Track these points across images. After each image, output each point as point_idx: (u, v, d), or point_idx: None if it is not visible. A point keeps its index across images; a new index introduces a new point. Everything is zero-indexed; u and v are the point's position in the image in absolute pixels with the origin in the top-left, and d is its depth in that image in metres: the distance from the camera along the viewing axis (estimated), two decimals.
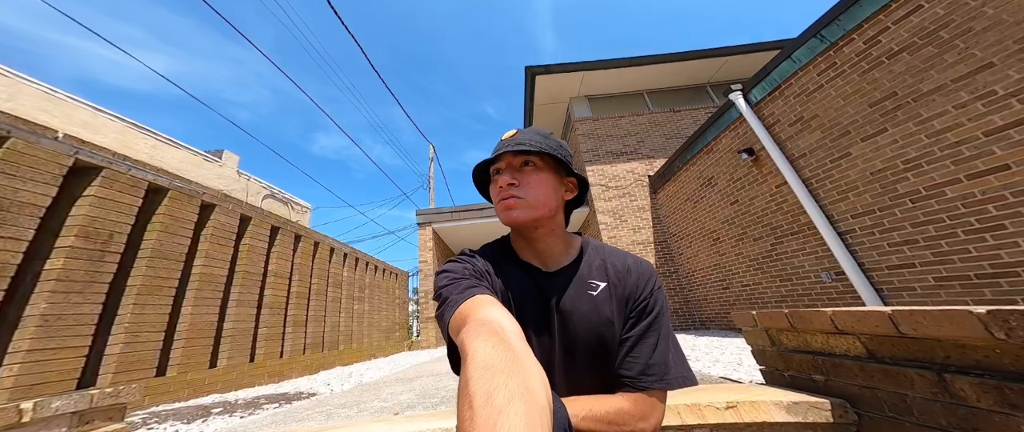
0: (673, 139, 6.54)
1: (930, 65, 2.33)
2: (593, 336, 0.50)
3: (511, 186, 0.53)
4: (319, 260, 4.48)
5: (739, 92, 3.83)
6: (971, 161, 2.21)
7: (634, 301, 0.53)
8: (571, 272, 0.55)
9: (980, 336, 0.51)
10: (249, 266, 3.29)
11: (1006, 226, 2.09)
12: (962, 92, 2.19)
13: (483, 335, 0.32)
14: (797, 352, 0.91)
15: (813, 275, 3.40)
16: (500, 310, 0.40)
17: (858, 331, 0.74)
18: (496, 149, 0.56)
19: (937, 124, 2.34)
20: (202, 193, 2.93)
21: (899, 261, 2.66)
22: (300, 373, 3.68)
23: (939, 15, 2.25)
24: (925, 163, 2.44)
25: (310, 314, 4.09)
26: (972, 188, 2.22)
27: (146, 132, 5.91)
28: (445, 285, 0.48)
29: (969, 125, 2.18)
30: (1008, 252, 2.09)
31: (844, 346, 0.79)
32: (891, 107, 2.58)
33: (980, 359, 0.54)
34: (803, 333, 0.88)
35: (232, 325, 2.99)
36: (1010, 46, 1.96)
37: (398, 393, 2.03)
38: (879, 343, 0.71)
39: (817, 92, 3.09)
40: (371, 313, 5.73)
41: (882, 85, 2.61)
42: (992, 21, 2.02)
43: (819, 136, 3.13)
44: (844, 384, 0.79)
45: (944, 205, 2.37)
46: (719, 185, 4.54)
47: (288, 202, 9.27)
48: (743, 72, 6.97)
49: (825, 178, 3.14)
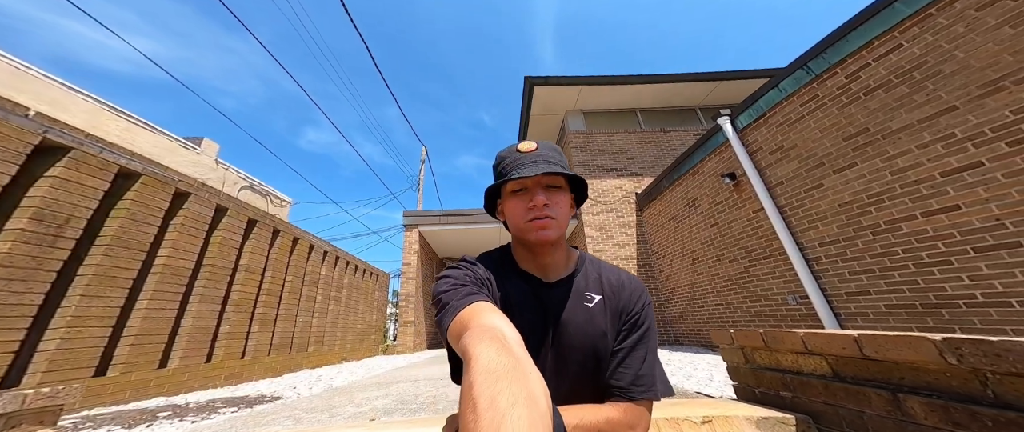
0: (662, 158, 6.78)
1: (901, 104, 2.50)
2: (587, 346, 0.52)
3: (546, 206, 0.54)
4: (296, 257, 4.31)
5: (727, 117, 4.02)
6: (927, 199, 2.39)
7: (626, 315, 0.55)
8: (569, 284, 0.57)
9: (933, 361, 0.55)
10: (219, 260, 3.12)
11: (952, 261, 2.26)
12: (925, 133, 2.38)
13: (486, 341, 0.32)
14: (768, 370, 0.95)
15: (780, 298, 3.56)
16: (501, 318, 0.40)
17: (826, 352, 0.78)
18: (515, 162, 0.56)
19: (900, 162, 2.52)
20: (177, 180, 2.78)
21: (857, 288, 2.82)
22: (262, 375, 3.48)
23: (915, 55, 2.41)
24: (887, 198, 2.62)
25: (280, 313, 3.90)
26: (925, 225, 2.40)
27: (119, 113, 5.60)
28: (445, 290, 0.48)
29: (928, 165, 2.37)
30: (951, 285, 2.26)
31: (812, 365, 0.83)
32: (862, 142, 2.76)
33: (931, 381, 0.58)
34: (775, 352, 0.92)
35: (192, 322, 2.80)
36: (973, 91, 2.13)
37: (373, 398, 1.95)
38: (843, 364, 0.75)
39: (798, 123, 3.29)
40: (347, 314, 5.52)
41: (856, 120, 2.80)
42: (960, 65, 2.19)
43: (796, 166, 3.31)
44: (809, 401, 0.83)
45: (900, 239, 2.55)
46: (702, 207, 4.71)
47: (267, 195, 8.92)
48: (732, 97, 7.35)
49: (798, 207, 3.32)
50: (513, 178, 0.53)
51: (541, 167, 0.53)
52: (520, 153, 0.57)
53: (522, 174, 0.53)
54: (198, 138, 7.42)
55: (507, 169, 0.56)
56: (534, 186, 0.56)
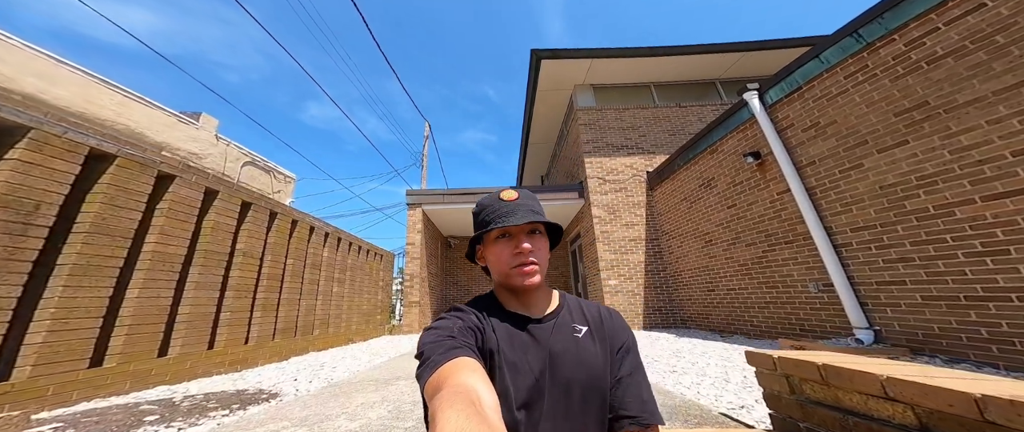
0: (677, 135, 6.36)
1: (974, 73, 2.15)
2: (585, 376, 0.53)
3: (532, 252, 0.56)
4: (296, 239, 4.23)
5: (755, 92, 3.63)
6: (990, 182, 2.10)
7: (617, 343, 0.58)
8: (556, 318, 0.59)
9: None
10: (213, 245, 3.03)
11: (1010, 251, 2.04)
12: (1001, 106, 2.04)
13: (456, 406, 0.31)
14: (822, 406, 0.76)
15: (800, 284, 3.36)
16: (479, 378, 0.40)
17: (918, 403, 0.58)
18: (500, 211, 0.58)
19: (964, 139, 2.20)
20: (159, 162, 2.62)
21: (890, 278, 2.62)
22: (268, 360, 3.50)
23: (1002, 15, 2.05)
24: (941, 181, 2.32)
25: (283, 297, 3.88)
26: (984, 210, 2.13)
27: (113, 87, 5.41)
28: (429, 343, 0.48)
29: (998, 143, 2.05)
30: (1004, 277, 2.05)
31: (890, 412, 0.64)
32: (919, 118, 2.43)
33: None
34: (835, 388, 0.73)
35: (190, 309, 2.74)
36: None
37: (369, 405, 1.86)
38: (943, 420, 0.55)
39: (840, 96, 2.92)
40: (351, 296, 5.54)
41: (914, 93, 2.44)
42: None
43: (833, 144, 2.98)
44: None
45: (950, 225, 2.30)
46: (718, 187, 4.41)
47: (271, 171, 8.82)
48: (757, 70, 6.74)
49: (830, 188, 3.02)
50: (499, 226, 0.56)
51: (527, 216, 0.56)
52: (503, 202, 0.59)
53: (508, 223, 0.55)
54: (196, 113, 7.23)
55: (491, 217, 0.58)
56: (518, 233, 0.58)
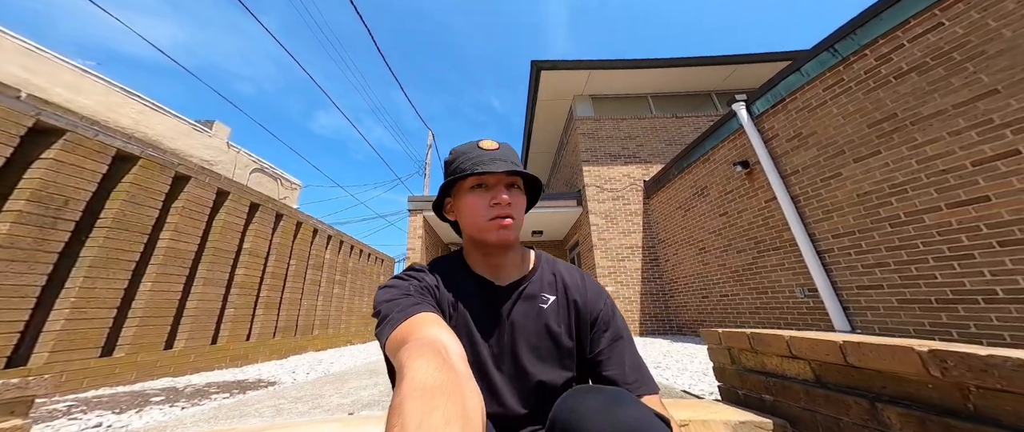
0: (673, 145, 6.52)
1: (935, 88, 2.30)
2: (544, 347, 0.52)
3: (509, 205, 0.52)
4: (300, 241, 4.39)
5: (742, 103, 3.80)
6: (954, 190, 2.22)
7: (593, 317, 0.55)
8: (522, 286, 0.56)
9: (916, 372, 0.49)
10: (222, 243, 3.20)
11: (974, 256, 2.13)
12: (960, 119, 2.18)
13: (425, 354, 0.31)
14: (753, 372, 0.89)
15: (788, 290, 3.44)
16: (444, 329, 0.39)
17: (810, 357, 0.71)
18: (478, 158, 0.53)
19: (929, 150, 2.33)
20: (177, 164, 2.82)
21: (869, 282, 2.71)
22: (268, 357, 3.61)
23: (957, 34, 2.20)
24: (910, 189, 2.44)
25: (285, 296, 4.01)
26: (950, 217, 2.24)
27: (133, 97, 5.71)
28: (386, 300, 0.46)
29: (959, 153, 2.18)
30: (971, 280, 2.14)
31: (795, 369, 0.77)
32: (888, 129, 2.57)
33: (911, 392, 0.53)
34: (761, 354, 0.86)
35: (197, 304, 2.89)
36: (1019, 73, 1.93)
37: (361, 387, 1.99)
38: (826, 369, 0.68)
39: (820, 108, 3.07)
40: (351, 298, 5.66)
41: (884, 105, 2.59)
42: (1007, 45, 1.98)
43: (814, 153, 3.12)
44: (789, 405, 0.77)
45: (920, 231, 2.40)
46: (711, 195, 4.54)
47: (278, 178, 9.09)
48: (750, 82, 6.94)
49: (813, 196, 3.14)
50: (477, 173, 0.51)
51: (506, 166, 0.52)
52: (482, 150, 0.54)
53: (487, 170, 0.51)
54: (209, 121, 7.56)
55: (466, 165, 0.53)
56: (496, 183, 0.53)
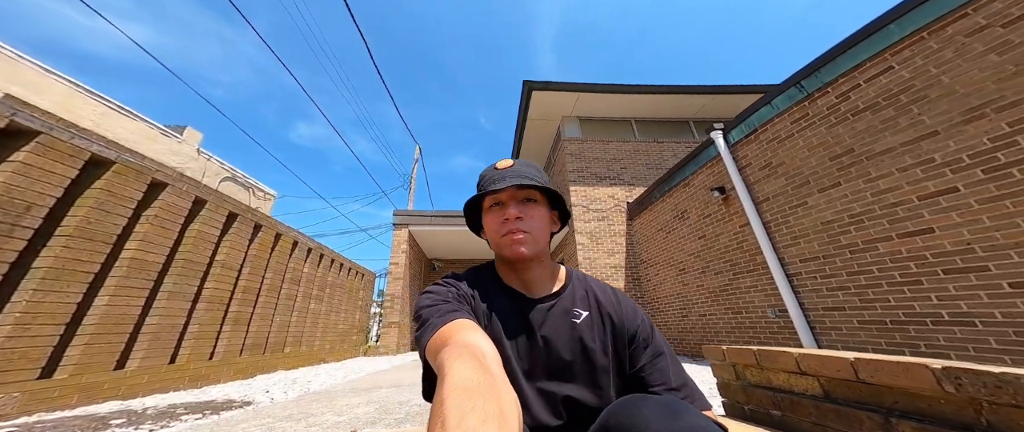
0: (654, 169, 6.88)
1: (886, 126, 2.57)
2: (578, 361, 0.52)
3: (519, 220, 0.54)
4: (278, 253, 4.15)
5: (720, 131, 4.09)
6: (903, 221, 2.48)
7: (628, 331, 0.55)
8: (555, 300, 0.57)
9: (930, 388, 0.55)
10: (194, 255, 2.97)
11: (922, 282, 2.34)
12: (907, 156, 2.45)
13: (464, 357, 0.32)
14: (759, 387, 0.94)
15: (760, 310, 3.63)
16: (481, 335, 0.41)
17: (819, 373, 0.77)
18: (491, 178, 0.57)
19: (882, 184, 2.61)
20: (155, 170, 2.64)
21: (833, 304, 2.90)
22: (231, 377, 3.31)
23: (904, 78, 2.48)
24: (866, 219, 2.71)
25: (256, 311, 3.74)
26: (900, 246, 2.48)
27: (95, 97, 5.33)
28: (427, 306, 0.48)
29: (907, 188, 2.45)
30: (920, 304, 2.34)
31: (804, 385, 0.82)
32: (847, 163, 2.84)
33: (923, 407, 0.58)
34: (767, 370, 0.92)
35: (157, 320, 2.63)
36: (955, 117, 2.21)
37: (354, 405, 1.87)
38: (836, 385, 0.74)
39: (788, 140, 3.37)
40: (329, 314, 5.35)
41: (843, 141, 2.87)
42: (945, 91, 2.26)
43: (783, 183, 3.40)
44: (798, 421, 0.82)
45: (875, 258, 2.62)
46: (690, 219, 4.79)
47: (250, 187, 8.63)
48: (725, 112, 7.52)
49: (782, 223, 3.40)
50: (487, 192, 0.54)
51: (513, 180, 0.54)
52: (496, 170, 0.57)
53: (495, 188, 0.54)
54: (180, 126, 7.15)
55: (485, 186, 0.57)
56: (508, 200, 0.56)
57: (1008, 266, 1.94)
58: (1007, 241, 1.95)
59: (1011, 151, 1.96)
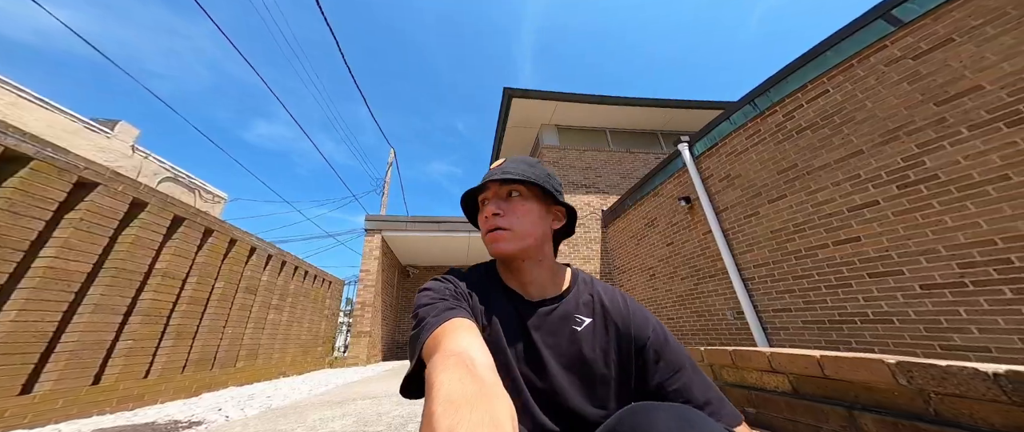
0: (626, 178, 7.22)
1: (823, 145, 2.91)
2: (575, 370, 0.50)
3: (496, 216, 0.53)
4: (232, 261, 3.77)
5: (686, 143, 4.38)
6: (836, 231, 2.81)
7: (640, 343, 0.52)
8: (556, 305, 0.55)
9: (885, 381, 0.63)
10: (128, 263, 2.61)
11: (852, 284, 2.64)
12: (838, 172, 2.79)
13: (450, 367, 0.32)
14: (735, 386, 1.02)
15: (721, 314, 3.92)
16: (473, 338, 0.40)
17: (789, 370, 0.85)
18: (484, 179, 0.57)
19: (819, 196, 2.95)
20: (83, 168, 2.29)
21: (781, 306, 3.20)
22: (172, 396, 2.94)
23: (837, 101, 2.82)
24: (807, 228, 3.04)
25: (204, 324, 3.36)
26: (834, 252, 2.80)
27: (3, 85, 4.58)
28: (424, 305, 0.47)
29: (839, 201, 2.80)
30: (851, 304, 2.64)
31: (775, 383, 0.90)
32: (792, 177, 3.18)
33: (881, 399, 0.65)
34: (742, 369, 0.99)
35: (78, 336, 2.28)
36: (876, 138, 2.55)
37: (328, 419, 1.72)
38: (804, 382, 0.82)
39: (743, 154, 3.70)
40: (290, 324, 4.93)
41: (788, 156, 3.21)
42: (869, 114, 2.60)
43: (739, 194, 3.73)
44: (772, 417, 0.89)
45: (815, 264, 2.94)
46: (660, 227, 5.08)
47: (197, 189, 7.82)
48: (690, 124, 8.07)
49: (739, 231, 3.72)
50: (472, 190, 0.55)
51: (494, 175, 0.54)
52: (489, 171, 0.57)
53: (476, 186, 0.55)
54: (111, 121, 6.34)
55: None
56: (493, 198, 0.55)
57: (918, 270, 2.27)
58: (917, 248, 2.29)
59: (919, 170, 2.31)
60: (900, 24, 2.49)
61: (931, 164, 2.25)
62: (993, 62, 2.00)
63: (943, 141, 2.20)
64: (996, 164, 1.94)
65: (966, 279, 2.03)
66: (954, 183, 2.13)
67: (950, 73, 2.19)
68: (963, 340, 2.01)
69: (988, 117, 2.00)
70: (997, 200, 1.93)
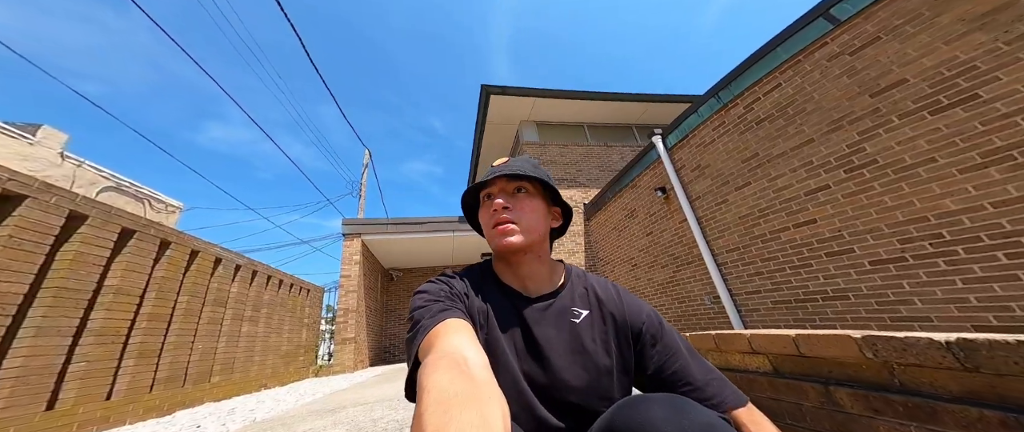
0: (605, 171, 7.38)
1: (779, 134, 3.11)
2: (577, 363, 0.51)
3: (506, 209, 0.53)
4: (195, 273, 3.49)
5: (660, 136, 4.53)
6: (796, 214, 3.03)
7: (634, 326, 0.53)
8: (553, 299, 0.56)
9: (854, 355, 0.69)
10: (71, 281, 2.36)
11: (812, 264, 2.84)
12: (794, 160, 3.00)
13: (441, 368, 0.32)
14: (721, 369, 1.08)
15: (699, 299, 4.14)
16: (466, 338, 0.40)
17: (768, 351, 0.91)
18: (487, 174, 0.57)
19: (779, 182, 3.16)
20: (6, 179, 2.01)
21: (752, 288, 3.40)
22: (141, 416, 2.73)
23: (789, 94, 3.01)
24: (770, 213, 3.26)
25: (169, 340, 3.11)
26: (795, 235, 3.01)
27: None
28: (419, 307, 0.47)
29: (796, 186, 3.01)
30: (812, 283, 2.84)
31: (756, 363, 0.96)
32: (754, 165, 3.38)
33: (852, 374, 0.71)
34: (725, 352, 1.05)
35: (21, 362, 2.05)
36: (823, 127, 2.75)
37: (320, 429, 1.65)
38: (783, 361, 0.88)
39: (711, 145, 3.88)
40: (268, 335, 4.67)
41: (750, 146, 3.40)
42: (817, 106, 2.80)
43: (709, 183, 3.92)
44: (756, 397, 0.95)
45: (779, 246, 3.15)
46: (639, 218, 5.25)
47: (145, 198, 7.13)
48: (662, 117, 8.34)
49: (711, 218, 3.92)
50: (477, 185, 0.57)
51: (502, 171, 0.55)
52: (492, 168, 0.58)
53: (482, 180, 0.56)
54: (32, 125, 5.60)
55: (479, 183, 0.58)
56: (498, 192, 0.56)
57: (867, 247, 2.50)
58: (864, 227, 2.52)
59: (861, 155, 2.52)
60: (837, 22, 2.69)
61: (870, 150, 2.47)
62: (914, 57, 2.22)
63: (879, 129, 2.41)
64: (924, 148, 2.17)
65: (906, 254, 2.26)
66: (891, 166, 2.35)
67: (880, 67, 2.41)
68: (908, 311, 2.24)
69: (914, 107, 2.22)
70: (927, 181, 2.16)
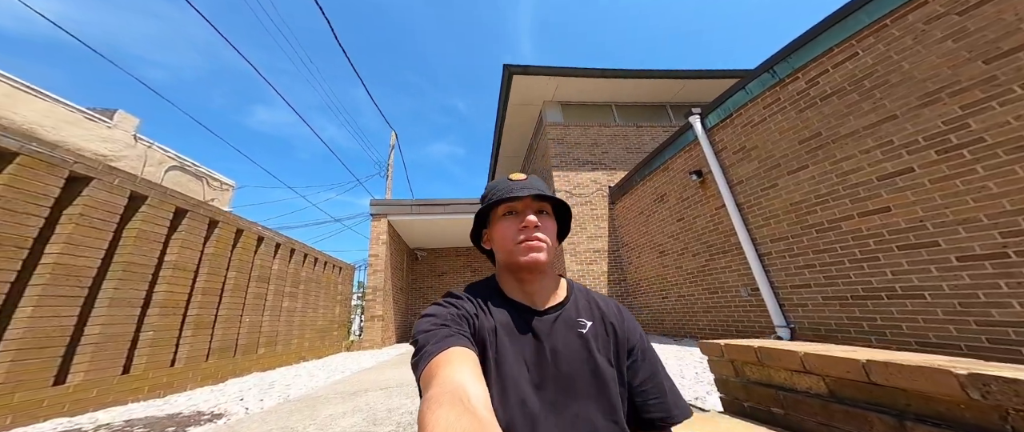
0: (634, 153, 6.94)
1: (851, 111, 2.67)
2: (586, 372, 0.51)
3: (538, 227, 0.55)
4: (241, 250, 3.81)
5: (698, 116, 4.12)
6: (864, 201, 2.63)
7: (628, 344, 0.56)
8: (559, 311, 0.57)
9: (951, 394, 0.53)
10: (136, 257, 2.64)
11: (879, 258, 2.51)
12: (868, 139, 2.58)
13: (444, 405, 0.32)
14: (759, 385, 0.94)
15: (734, 290, 3.83)
16: (469, 370, 0.40)
17: (826, 373, 0.76)
18: (508, 188, 0.57)
19: (845, 165, 2.74)
20: (73, 162, 2.24)
21: (800, 282, 3.08)
22: (199, 383, 3.09)
23: (868, 64, 2.57)
24: (831, 199, 2.85)
25: (221, 313, 3.45)
26: (860, 224, 2.64)
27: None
28: (424, 331, 0.47)
29: (868, 169, 2.59)
30: (877, 279, 2.51)
31: (807, 384, 0.81)
32: (814, 146, 2.95)
33: (941, 411, 0.56)
34: (768, 368, 0.91)
35: (100, 330, 2.36)
36: (912, 101, 2.32)
37: (339, 415, 1.75)
38: (843, 386, 0.73)
39: (761, 124, 3.44)
40: (305, 311, 5.08)
41: (811, 124, 2.97)
42: (905, 77, 2.36)
43: (756, 166, 3.51)
44: (802, 419, 0.81)
45: (838, 237, 2.79)
46: (670, 202, 4.90)
47: (203, 177, 7.85)
48: (700, 95, 7.63)
49: (755, 205, 3.54)
50: (506, 199, 0.55)
51: (533, 190, 0.56)
52: (511, 181, 0.58)
53: (515, 195, 0.55)
54: (110, 110, 6.28)
55: (498, 195, 0.57)
56: (525, 208, 0.57)
57: (956, 241, 2.10)
58: (956, 218, 2.11)
59: (962, 133, 2.09)
60: None
61: (977, 126, 2.04)
62: None
63: (992, 101, 1.98)
64: None
65: (1009, 249, 1.88)
66: (1002, 146, 1.94)
67: (1003, 27, 1.94)
68: (1001, 315, 1.89)
69: None
70: None
